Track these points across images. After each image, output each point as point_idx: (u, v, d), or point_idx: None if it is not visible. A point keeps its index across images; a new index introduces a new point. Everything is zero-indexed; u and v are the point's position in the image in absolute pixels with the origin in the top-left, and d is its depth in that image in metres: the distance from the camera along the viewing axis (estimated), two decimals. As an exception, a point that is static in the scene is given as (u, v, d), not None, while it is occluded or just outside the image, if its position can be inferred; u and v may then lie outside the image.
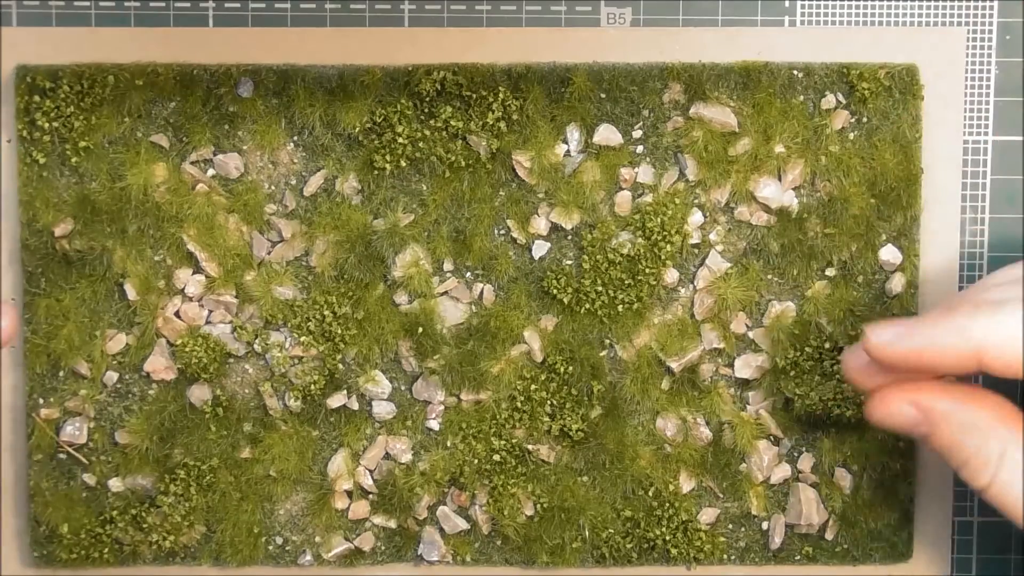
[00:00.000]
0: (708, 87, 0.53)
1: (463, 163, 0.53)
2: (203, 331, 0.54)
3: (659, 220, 0.53)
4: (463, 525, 0.54)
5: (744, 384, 0.54)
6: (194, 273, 0.53)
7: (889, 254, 0.53)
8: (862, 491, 0.54)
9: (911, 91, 0.53)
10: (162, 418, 0.54)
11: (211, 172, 0.53)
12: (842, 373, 0.47)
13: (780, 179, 0.54)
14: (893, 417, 0.44)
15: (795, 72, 0.53)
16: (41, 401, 0.53)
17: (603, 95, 0.53)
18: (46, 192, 0.53)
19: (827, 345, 0.54)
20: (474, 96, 0.53)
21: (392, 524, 0.55)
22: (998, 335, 0.41)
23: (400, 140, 0.53)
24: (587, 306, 0.53)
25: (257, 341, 0.54)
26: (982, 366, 0.42)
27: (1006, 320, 0.42)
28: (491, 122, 0.53)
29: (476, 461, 0.54)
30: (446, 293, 0.54)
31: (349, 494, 0.55)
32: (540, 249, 0.54)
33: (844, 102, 0.53)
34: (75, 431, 0.54)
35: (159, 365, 0.54)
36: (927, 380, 0.44)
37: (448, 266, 0.54)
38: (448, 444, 0.54)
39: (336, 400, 0.54)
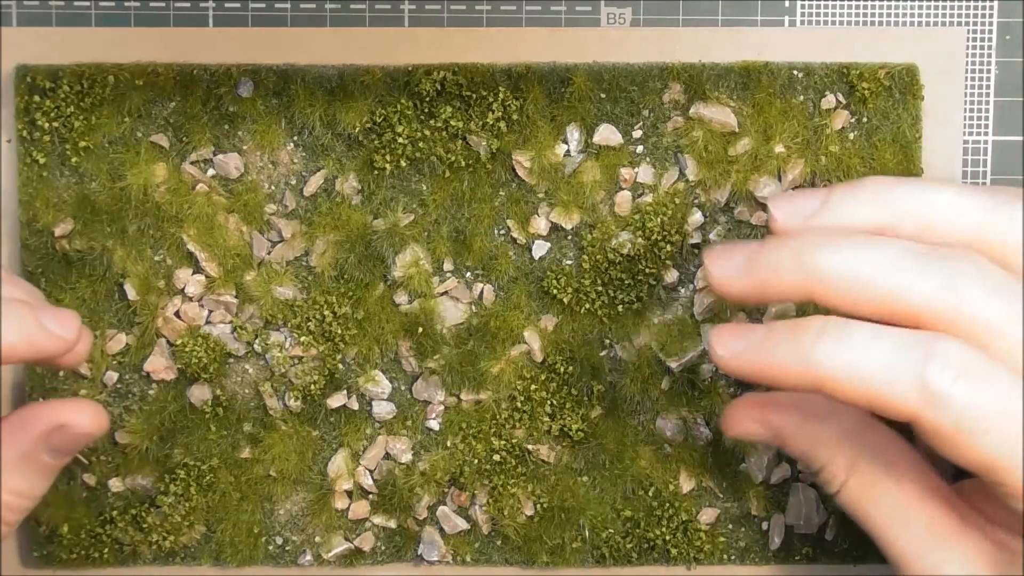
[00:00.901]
0: (708, 87, 0.53)
1: (463, 163, 0.53)
2: (203, 331, 0.54)
3: (659, 220, 0.53)
4: (463, 525, 0.54)
5: (744, 384, 0.54)
6: (194, 273, 0.53)
7: (889, 254, 0.53)
8: (862, 491, 0.54)
9: (911, 91, 0.53)
10: (162, 418, 0.54)
11: (211, 172, 0.53)
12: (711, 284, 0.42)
13: (780, 179, 0.54)
14: (746, 435, 0.44)
15: (795, 72, 0.53)
16: (41, 401, 0.53)
17: (603, 95, 0.53)
18: (46, 192, 0.53)
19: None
20: (474, 96, 0.53)
21: (392, 524, 0.55)
22: (840, 365, 0.37)
23: (400, 140, 0.53)
24: (587, 306, 0.53)
25: (257, 341, 0.54)
26: (826, 394, 0.38)
27: (851, 347, 0.37)
28: (491, 122, 0.53)
29: (476, 461, 0.54)
30: (446, 293, 0.54)
31: (349, 494, 0.55)
32: (540, 249, 0.54)
33: (844, 102, 0.53)
34: (75, 431, 0.54)
35: (159, 365, 0.54)
36: (778, 392, 0.43)
37: (448, 266, 0.54)
38: (448, 444, 0.54)
39: (336, 400, 0.54)
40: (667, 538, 0.54)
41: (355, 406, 0.54)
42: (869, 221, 0.40)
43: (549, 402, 0.54)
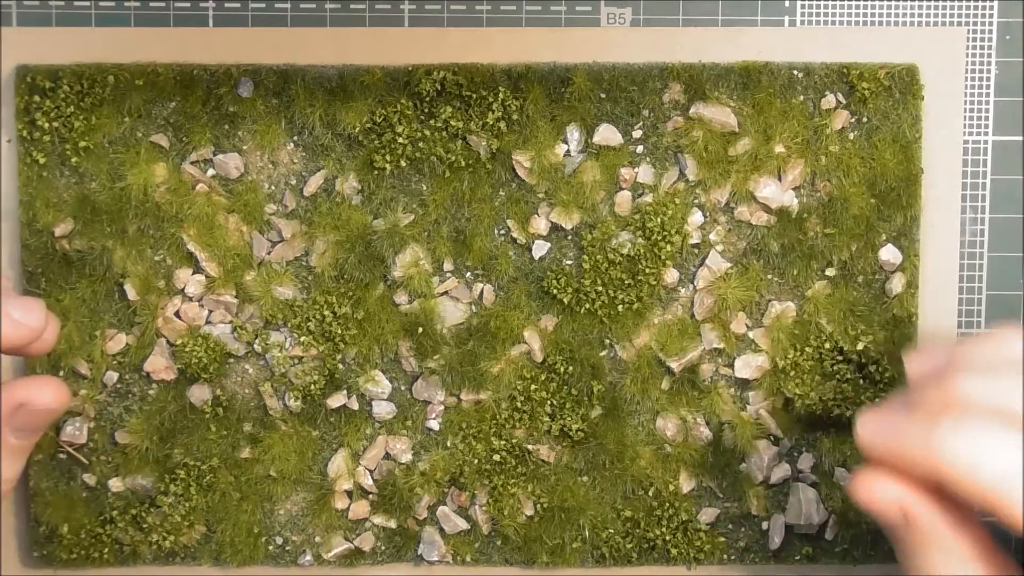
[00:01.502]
0: (708, 87, 0.53)
1: (463, 163, 0.53)
2: (203, 331, 0.54)
3: (659, 220, 0.53)
4: (463, 525, 0.54)
5: (744, 384, 0.54)
6: (194, 273, 0.53)
7: (889, 254, 0.53)
8: (862, 491, 0.54)
9: (911, 91, 0.53)
10: (162, 418, 0.54)
11: (211, 172, 0.53)
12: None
13: (780, 179, 0.54)
14: (876, 507, 0.40)
15: (795, 72, 0.53)
16: None
17: (603, 95, 0.53)
18: (46, 192, 0.53)
19: (827, 345, 0.54)
20: (474, 96, 0.53)
21: (392, 524, 0.55)
22: (957, 455, 0.37)
23: (400, 140, 0.53)
24: (587, 306, 0.53)
25: (257, 341, 0.54)
26: (947, 486, 0.37)
27: (967, 438, 0.37)
28: (491, 122, 0.53)
29: (476, 461, 0.54)
30: (446, 293, 0.54)
31: (349, 494, 0.55)
32: (540, 249, 0.54)
33: (844, 102, 0.53)
34: (75, 431, 0.54)
35: (159, 365, 0.54)
36: (924, 480, 0.40)
37: (448, 266, 0.54)
38: (448, 444, 0.54)
39: (336, 400, 0.54)
40: (667, 538, 0.54)
41: (355, 406, 0.54)
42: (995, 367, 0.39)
43: (549, 402, 0.54)
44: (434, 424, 0.54)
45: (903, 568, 0.40)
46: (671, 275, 0.54)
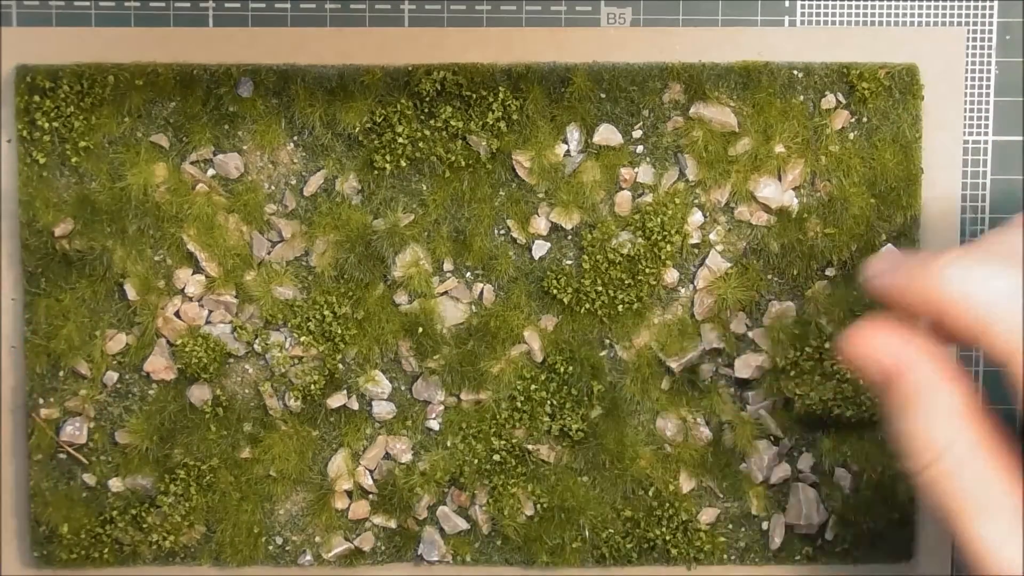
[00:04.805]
0: (708, 87, 0.53)
1: (463, 163, 0.53)
2: (203, 331, 0.54)
3: (659, 220, 0.53)
4: (463, 525, 0.55)
5: (744, 384, 0.54)
6: (194, 273, 0.53)
7: (889, 254, 0.54)
8: (862, 491, 0.54)
9: (911, 91, 0.53)
10: (162, 418, 0.54)
11: (211, 172, 0.53)
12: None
13: (780, 179, 0.54)
14: (861, 362, 0.40)
15: (795, 72, 0.53)
16: (41, 401, 0.53)
17: (603, 95, 0.53)
18: (46, 192, 0.53)
19: (827, 345, 0.54)
20: (474, 96, 0.53)
21: (392, 524, 0.55)
22: (952, 283, 0.38)
23: (400, 140, 0.53)
24: (587, 306, 0.53)
25: (257, 341, 0.54)
26: (942, 319, 0.38)
27: (964, 267, 0.38)
28: (491, 122, 0.53)
29: (476, 461, 0.54)
30: (446, 293, 0.54)
31: (349, 494, 0.55)
32: (540, 249, 0.54)
33: (844, 102, 0.53)
34: (75, 431, 0.54)
35: (159, 365, 0.54)
36: (918, 332, 0.40)
37: (448, 266, 0.54)
38: (448, 444, 0.54)
39: (336, 400, 0.54)
40: (667, 538, 0.54)
41: (355, 406, 0.54)
42: None
43: (549, 402, 0.54)
44: (434, 424, 0.54)
45: (888, 431, 0.40)
46: (671, 275, 0.54)
